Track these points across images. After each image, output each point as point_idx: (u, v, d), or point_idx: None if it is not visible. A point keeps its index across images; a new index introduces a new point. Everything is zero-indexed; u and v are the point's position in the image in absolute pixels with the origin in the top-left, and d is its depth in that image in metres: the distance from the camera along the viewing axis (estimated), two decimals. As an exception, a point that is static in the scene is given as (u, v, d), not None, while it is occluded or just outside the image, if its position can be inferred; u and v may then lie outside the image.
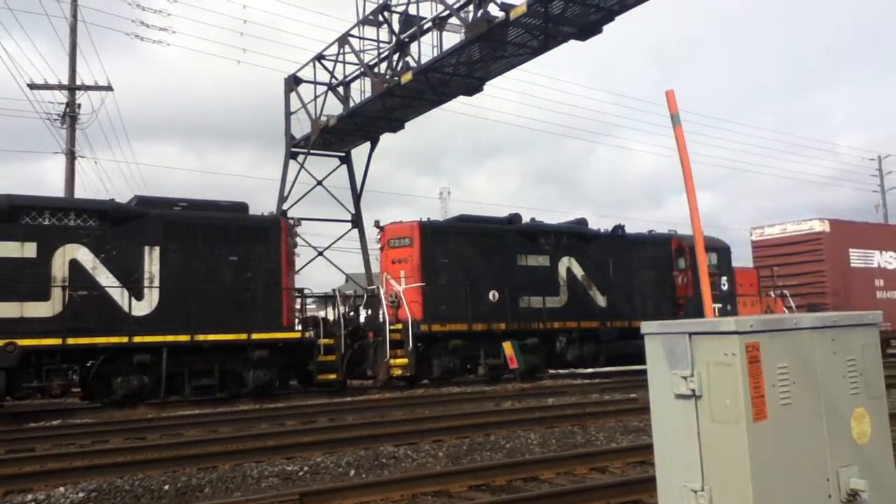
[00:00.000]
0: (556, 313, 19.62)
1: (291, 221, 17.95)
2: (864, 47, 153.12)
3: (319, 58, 22.82)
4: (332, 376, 17.10)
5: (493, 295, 18.75)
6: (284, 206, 22.82)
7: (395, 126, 22.68)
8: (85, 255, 14.64)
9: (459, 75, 19.14)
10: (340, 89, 22.58)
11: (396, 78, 19.30)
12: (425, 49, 18.83)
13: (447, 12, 17.96)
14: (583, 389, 16.40)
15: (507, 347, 18.33)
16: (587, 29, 16.63)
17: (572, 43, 17.12)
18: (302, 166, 23.73)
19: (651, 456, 3.03)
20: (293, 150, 23.94)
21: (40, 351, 13.98)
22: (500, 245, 19.21)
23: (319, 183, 24.06)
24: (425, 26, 18.87)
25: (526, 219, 20.56)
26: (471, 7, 17.11)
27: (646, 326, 2.92)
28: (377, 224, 19.13)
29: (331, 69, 22.57)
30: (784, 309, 23.83)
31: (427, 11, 18.86)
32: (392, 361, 17.26)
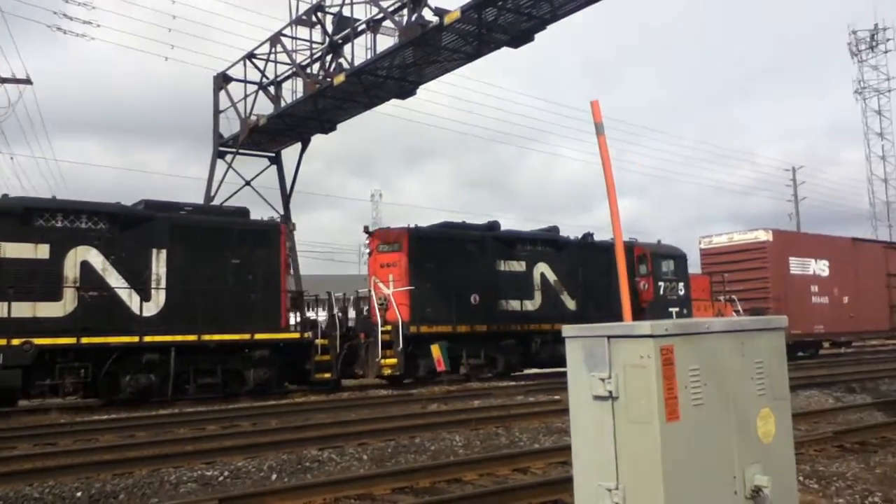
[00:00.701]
0: (531, 316, 20.57)
1: (290, 226, 18.53)
2: (782, 63, 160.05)
3: (250, 56, 22.45)
4: (327, 375, 17.79)
5: (474, 298, 19.63)
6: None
7: (327, 127, 22.49)
8: (95, 257, 15.06)
9: (392, 78, 19.13)
10: (271, 89, 22.26)
11: (329, 79, 19.16)
12: (359, 51, 18.78)
13: (381, 15, 17.93)
14: (508, 391, 16.58)
15: (435, 350, 18.40)
16: (519, 36, 16.86)
17: (506, 49, 17.33)
18: (230, 166, 23.30)
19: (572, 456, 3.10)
20: (221, 149, 23.46)
21: (55, 350, 14.28)
22: (481, 251, 20.16)
23: (248, 183, 23.65)
24: (359, 28, 18.80)
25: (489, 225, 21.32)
26: (405, 11, 17.13)
27: (566, 330, 2.99)
28: (366, 229, 19.86)
29: (262, 68, 22.23)
30: (733, 313, 25.14)
31: (361, 13, 18.83)
32: (382, 361, 17.90)
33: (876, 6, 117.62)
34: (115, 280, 15.23)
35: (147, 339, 15.20)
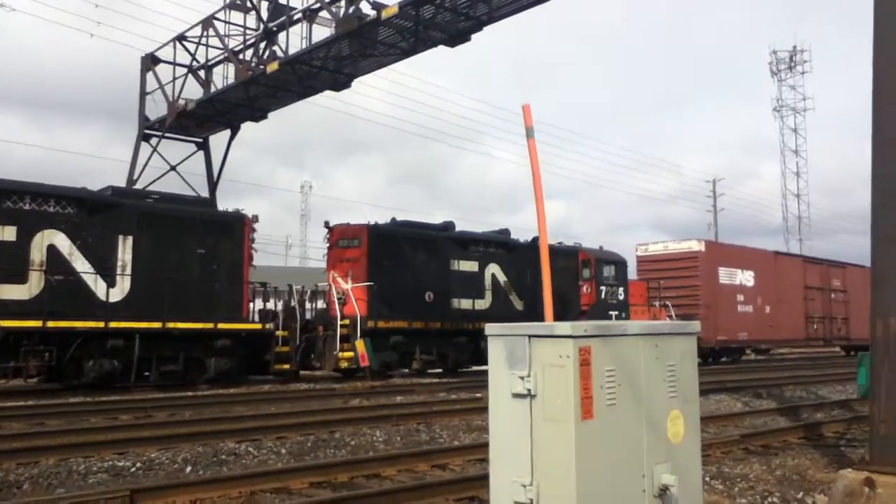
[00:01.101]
0: (482, 315, 21.04)
1: (252, 218, 18.46)
2: (711, 77, 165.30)
3: (181, 38, 21.86)
4: (286, 366, 18.33)
5: (428, 296, 20.26)
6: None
7: (258, 115, 22.10)
8: (62, 241, 15.09)
9: (327, 69, 18.95)
10: (202, 73, 21.72)
11: (262, 66, 18.84)
12: (294, 40, 18.53)
13: (318, 5, 17.74)
14: (431, 388, 16.66)
15: (360, 345, 18.33)
16: (456, 36, 16.95)
17: (444, 48, 17.39)
18: (155, 149, 22.64)
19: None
20: (147, 132, 22.76)
21: (20, 332, 14.21)
22: (436, 250, 20.76)
23: (173, 168, 23.00)
24: (295, 17, 18.54)
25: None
26: (342, 2, 16.99)
27: (489, 328, 3.05)
28: (326, 224, 20.13)
29: (192, 51, 21.69)
30: (667, 317, 26.37)
31: (298, 2, 18.57)
32: (340, 354, 18.30)
33: (795, 29, 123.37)
34: (81, 265, 15.30)
35: (112, 324, 15.25)
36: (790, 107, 62.34)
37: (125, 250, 15.88)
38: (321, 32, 17.92)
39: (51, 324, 14.42)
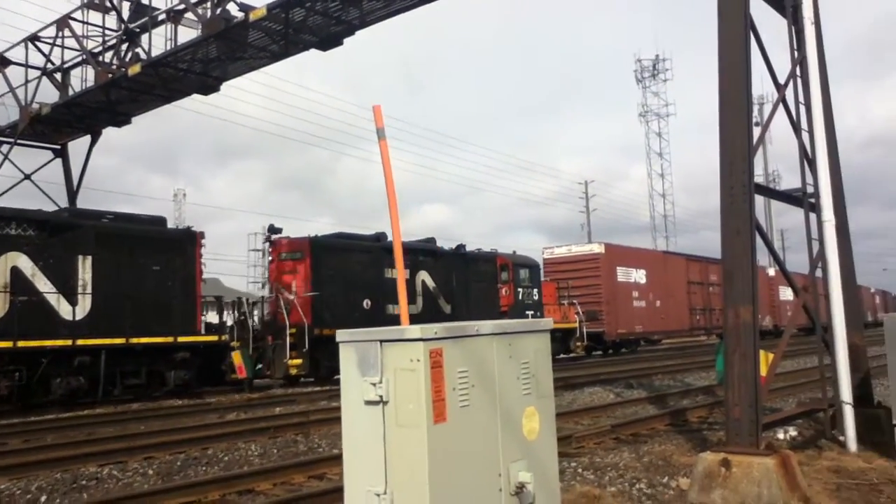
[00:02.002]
0: (413, 319, 20.86)
1: (200, 234, 19.09)
2: (588, 83, 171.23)
3: (33, 38, 20.43)
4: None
5: (366, 303, 21.37)
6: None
7: (121, 120, 20.98)
8: (25, 263, 15.42)
9: (194, 72, 18.22)
10: (57, 76, 20.41)
11: (123, 69, 17.90)
12: (158, 41, 17.67)
13: (183, 6, 17.05)
14: (312, 397, 16.37)
15: (236, 357, 17.79)
16: (328, 40, 16.69)
17: (327, 52, 17.07)
18: (6, 157, 21.09)
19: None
20: (-4, 138, 21.17)
21: None
22: (372, 260, 21.84)
23: (27, 177, 21.53)
24: (159, 18, 17.73)
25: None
26: (209, 4, 16.40)
27: (340, 335, 2.97)
28: (268, 238, 20.44)
29: (47, 53, 20.33)
30: (575, 314, 28.80)
31: (161, 2, 17.77)
32: (290, 362, 18.87)
33: (657, 38, 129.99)
34: (44, 285, 15.66)
35: (80, 342, 15.74)
36: (654, 112, 65.61)
37: (85, 270, 16.32)
38: (187, 34, 17.23)
39: (21, 343, 14.78)
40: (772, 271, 41.13)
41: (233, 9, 15.90)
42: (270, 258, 20.42)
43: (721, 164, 7.25)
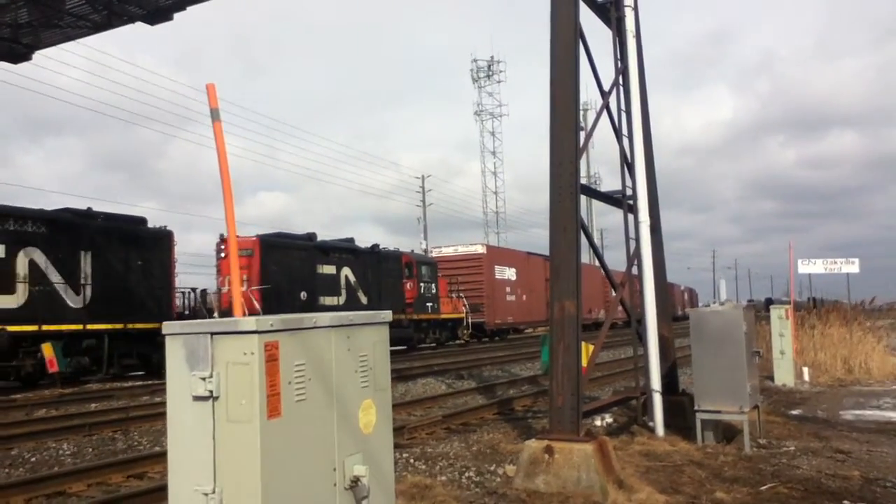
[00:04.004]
0: (339, 309, 23.89)
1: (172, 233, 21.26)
2: (431, 76, 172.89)
3: None
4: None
5: (303, 295, 23.89)
6: None
7: (-89, 84, 18.74)
8: (39, 257, 17.31)
9: (2, 38, 16.57)
10: None
11: (-87, 27, 15.95)
12: (-44, 0, 15.89)
13: (-12, -38, 15.43)
14: (133, 392, 15.47)
15: (47, 349, 16.43)
16: (156, 13, 15.73)
17: (159, 28, 16.08)
18: None
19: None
20: None
21: (19, 336, 16.54)
22: (307, 257, 24.65)
23: None
24: (-42, -27, 15.94)
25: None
26: (20, -37, 14.95)
27: (167, 326, 2.81)
28: (221, 236, 22.68)
29: None
30: (463, 307, 33.11)
31: (-38, -45, 15.96)
32: None
33: (492, 39, 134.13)
34: (54, 276, 17.59)
35: (89, 326, 17.99)
36: (489, 111, 67.66)
37: (86, 263, 18.37)
38: (-6, -5, 15.62)
39: (45, 327, 16.93)
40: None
41: (50, -29, 14.63)
42: (223, 255, 22.83)
43: (551, 164, 7.59)
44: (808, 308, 22.21)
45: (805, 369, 15.17)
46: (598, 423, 9.76)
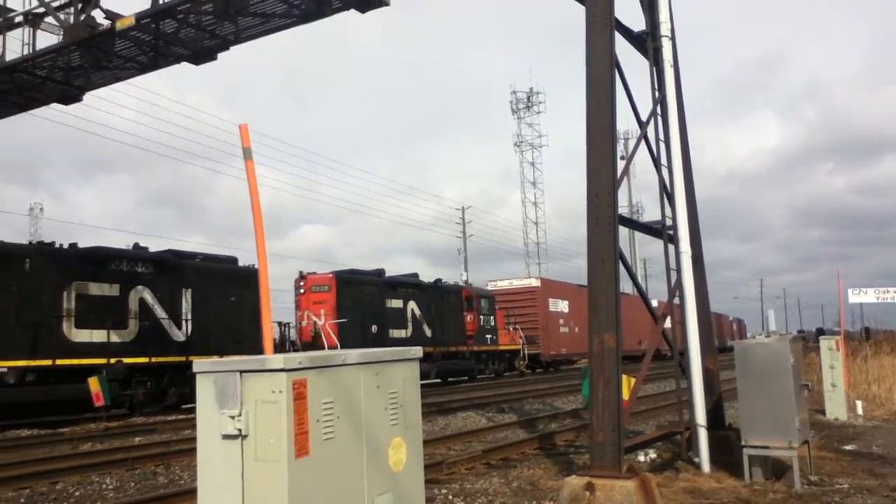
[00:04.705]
0: (406, 342, 26.06)
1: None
2: (463, 109, 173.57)
3: None
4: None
5: (374, 328, 25.35)
6: None
7: (-31, 127, 19.50)
8: (147, 295, 18.85)
9: (54, 80, 17.15)
10: None
11: (-27, 72, 16.62)
12: (14, 45, 16.55)
13: (43, 9, 16.07)
14: (175, 426, 15.61)
15: (94, 383, 16.67)
16: (201, 54, 16.14)
17: (205, 66, 16.51)
18: None
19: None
20: None
21: (134, 367, 18.18)
22: (377, 292, 26.31)
23: None
24: (16, 20, 16.62)
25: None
26: (72, 9, 15.52)
27: (197, 365, 2.82)
28: (301, 274, 25.07)
29: None
30: (519, 338, 34.40)
31: (18, 4, 16.66)
32: None
33: (531, 71, 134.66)
34: (160, 312, 19.07)
35: (192, 358, 17.93)
36: (528, 142, 67.74)
37: (186, 300, 19.72)
38: (47, 39, 16.24)
39: (154, 359, 18.48)
40: (655, 301, 44.15)
41: (98, 15, 15.14)
42: (302, 290, 24.68)
43: (588, 196, 7.53)
44: (861, 338, 21.55)
45: (858, 402, 14.65)
46: (641, 458, 9.53)
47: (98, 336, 17.60)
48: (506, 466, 9.73)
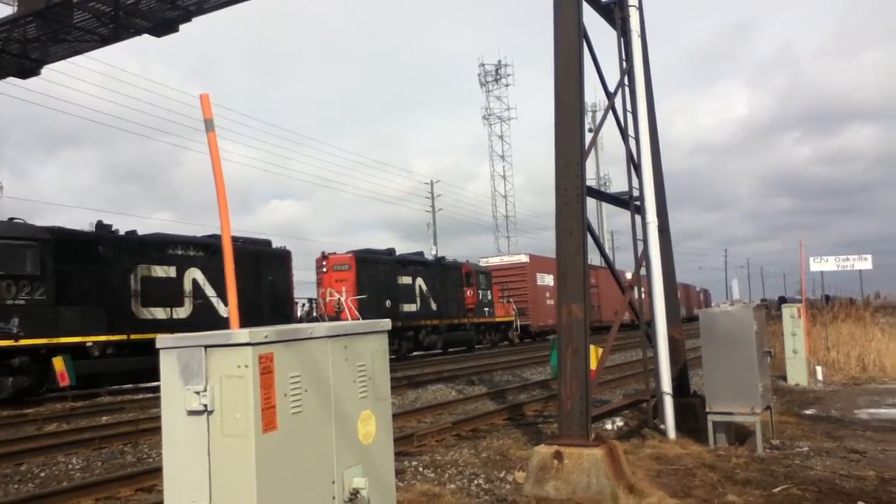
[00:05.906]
0: (416, 315, 29.47)
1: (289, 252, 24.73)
2: (442, 82, 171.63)
3: None
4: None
5: (387, 303, 27.42)
6: None
7: (-80, 102, 18.89)
8: (199, 276, 20.64)
9: (10, 53, 16.68)
10: None
11: (-79, 45, 16.08)
12: (-36, 17, 16.02)
13: (-6, -22, 15.54)
14: (143, 405, 15.46)
15: (58, 363, 16.41)
16: (163, 25, 15.80)
17: (168, 37, 16.14)
18: None
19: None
20: None
21: None
22: (390, 269, 28.51)
23: None
24: (-35, -10, 16.06)
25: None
26: (26, -21, 15.04)
27: (160, 340, 2.77)
28: (323, 254, 27.20)
29: None
30: (513, 310, 36.63)
31: (-32, -27, 16.08)
32: None
33: (500, 44, 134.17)
34: (210, 292, 20.77)
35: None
36: (497, 115, 67.56)
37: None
38: (1, 11, 15.75)
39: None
40: (629, 274, 44.90)
41: (54, -14, 14.70)
42: (325, 269, 26.76)
43: (556, 167, 7.53)
44: (821, 306, 22.01)
45: (818, 368, 15.01)
46: (608, 426, 9.67)
47: (161, 314, 19.57)
48: (475, 437, 9.81)
